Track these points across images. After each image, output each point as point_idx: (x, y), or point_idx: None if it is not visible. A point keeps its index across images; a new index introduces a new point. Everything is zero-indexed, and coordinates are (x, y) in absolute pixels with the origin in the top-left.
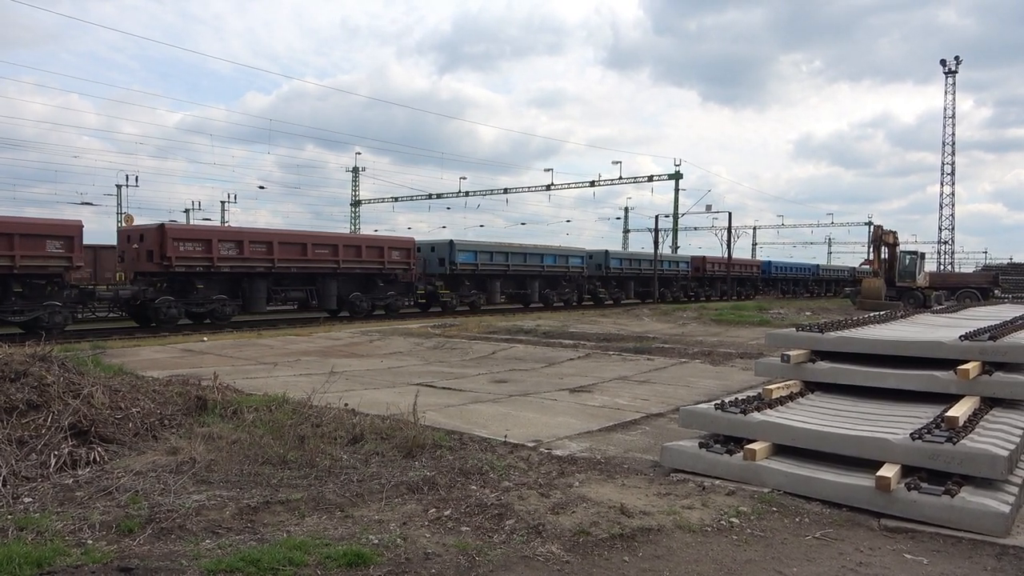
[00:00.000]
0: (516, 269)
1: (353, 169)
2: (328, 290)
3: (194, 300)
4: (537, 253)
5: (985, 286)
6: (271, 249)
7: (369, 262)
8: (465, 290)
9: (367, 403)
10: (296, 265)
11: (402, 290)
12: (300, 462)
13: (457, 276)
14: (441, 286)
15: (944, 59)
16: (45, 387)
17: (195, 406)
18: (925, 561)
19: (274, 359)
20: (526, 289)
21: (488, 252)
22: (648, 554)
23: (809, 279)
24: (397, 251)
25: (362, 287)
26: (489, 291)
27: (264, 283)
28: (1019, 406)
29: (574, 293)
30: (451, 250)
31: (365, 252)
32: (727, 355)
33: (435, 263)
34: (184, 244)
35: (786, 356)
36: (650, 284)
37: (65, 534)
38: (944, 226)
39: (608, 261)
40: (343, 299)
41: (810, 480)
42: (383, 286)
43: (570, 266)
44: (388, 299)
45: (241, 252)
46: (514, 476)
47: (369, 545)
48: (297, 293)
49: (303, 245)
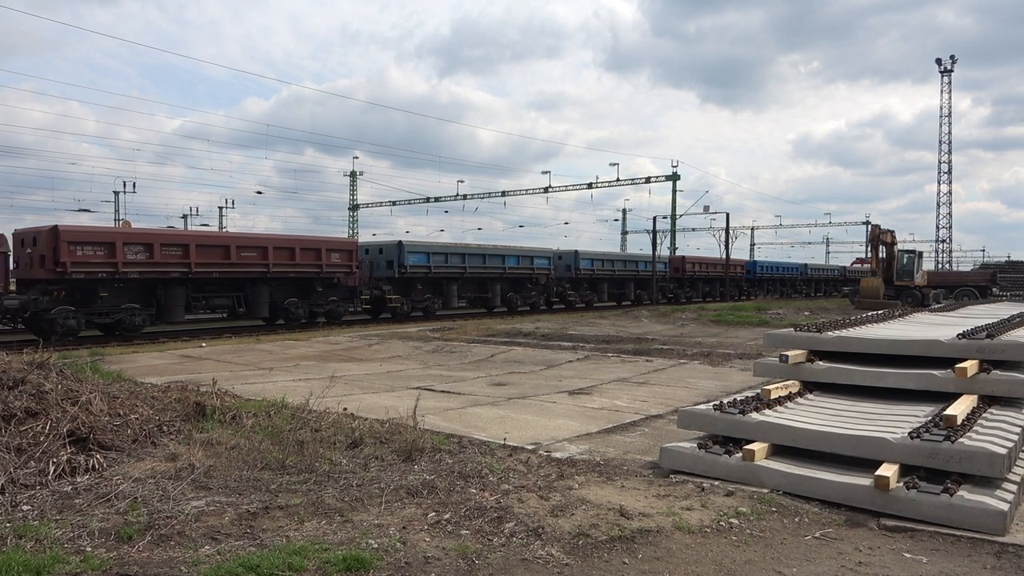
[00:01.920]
0: (475, 271)
1: (351, 173)
2: (259, 296)
3: (98, 310)
4: (498, 254)
5: (983, 284)
6: (187, 252)
7: (305, 265)
8: (418, 294)
9: (366, 407)
10: (218, 270)
11: (345, 295)
12: (299, 467)
13: (408, 279)
14: (389, 291)
15: (939, 58)
16: (43, 394)
17: (194, 412)
18: (924, 560)
19: (272, 364)
20: (487, 292)
21: (442, 253)
22: (648, 556)
23: (797, 279)
24: (337, 253)
25: (299, 292)
26: (445, 295)
27: (182, 290)
28: (1017, 404)
29: (541, 296)
30: (400, 252)
31: (300, 255)
32: (726, 356)
33: (383, 266)
34: (82, 248)
35: (784, 356)
36: (625, 286)
37: (64, 541)
38: (942, 224)
39: (578, 262)
40: (277, 306)
41: (809, 480)
42: (322, 291)
43: (535, 267)
44: (329, 305)
45: (152, 256)
46: (513, 479)
47: (368, 549)
48: (222, 300)
49: (225, 248)
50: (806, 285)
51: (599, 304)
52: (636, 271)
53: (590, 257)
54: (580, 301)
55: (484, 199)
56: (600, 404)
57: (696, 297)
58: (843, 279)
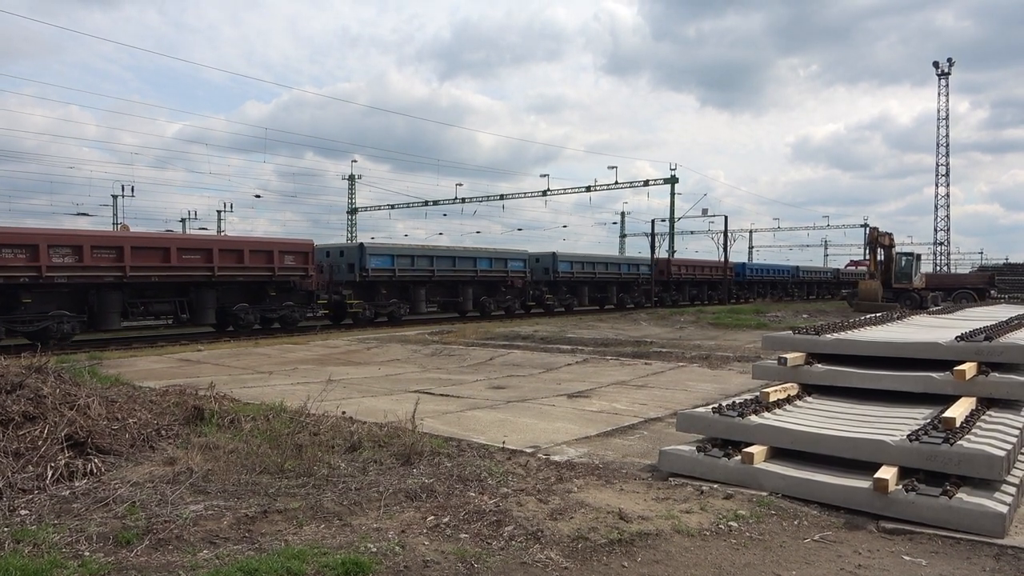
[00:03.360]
0: (444, 275)
1: (349, 177)
2: (204, 302)
3: (21, 317)
4: (469, 256)
5: (981, 287)
6: (122, 255)
7: (254, 268)
8: (382, 299)
9: (365, 411)
10: (157, 274)
11: (302, 300)
12: (298, 471)
13: (371, 283)
14: (350, 295)
15: (937, 61)
16: (41, 399)
17: (192, 416)
18: (924, 563)
19: (271, 368)
20: (458, 296)
21: (408, 256)
22: (647, 559)
23: (788, 281)
24: (291, 255)
25: (250, 297)
26: (413, 300)
27: (117, 295)
28: (1015, 406)
29: (516, 300)
30: (361, 254)
31: (248, 257)
32: (725, 359)
33: (344, 269)
34: (0, 250)
35: (783, 359)
36: (607, 289)
37: (62, 546)
38: (940, 227)
39: (556, 264)
40: (226, 312)
41: (808, 483)
42: (276, 296)
43: (510, 270)
44: (284, 311)
45: (81, 259)
46: (512, 482)
47: (367, 553)
48: (163, 306)
49: (165, 250)
50: (798, 288)
51: (580, 308)
52: (619, 274)
53: (569, 259)
54: (559, 305)
55: (483, 202)
56: (599, 407)
57: (683, 300)
58: (836, 282)
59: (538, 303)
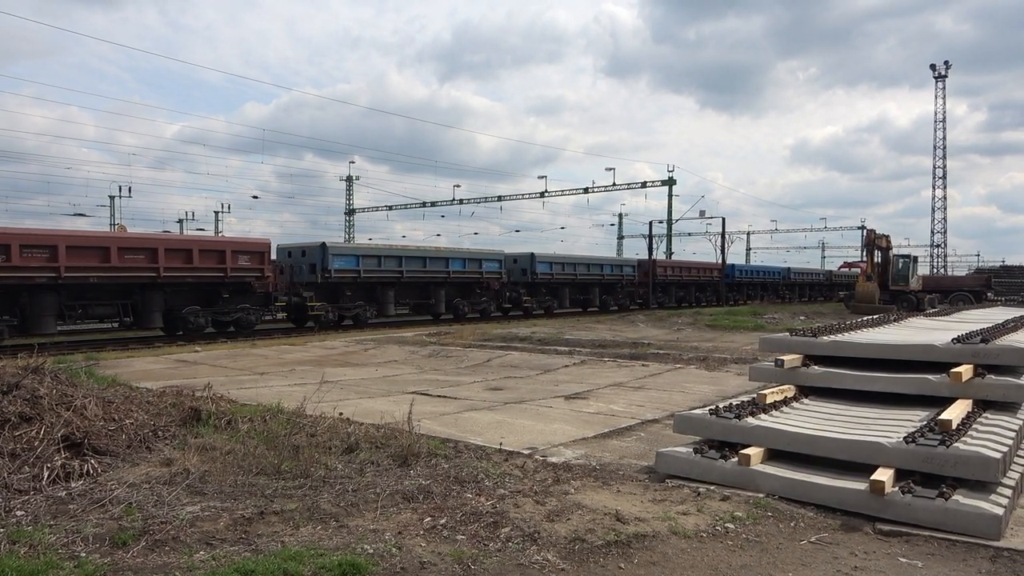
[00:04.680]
0: (414, 276)
1: (347, 178)
2: (150, 304)
3: None
4: (441, 257)
5: (978, 289)
6: (55, 255)
7: (204, 269)
8: (347, 301)
9: (362, 412)
10: (96, 275)
11: (259, 302)
12: (295, 472)
13: (335, 285)
14: (312, 297)
15: (934, 64)
16: (38, 399)
17: (189, 417)
18: (920, 565)
19: (268, 369)
20: (430, 298)
21: (375, 256)
22: (643, 560)
23: (779, 283)
24: (245, 255)
25: (201, 299)
26: (380, 302)
27: (52, 298)
28: (1011, 408)
29: (492, 302)
30: (323, 254)
31: (198, 257)
32: (722, 360)
33: (305, 270)
34: None
35: (780, 361)
36: (589, 291)
37: (58, 547)
38: (937, 229)
39: (535, 265)
40: (175, 315)
41: (805, 485)
42: (229, 298)
43: (484, 271)
44: (238, 313)
45: (9, 259)
46: (509, 484)
47: (364, 555)
48: (104, 309)
49: (104, 249)
50: (789, 290)
51: (560, 311)
52: (601, 275)
53: (548, 260)
54: (538, 307)
55: (480, 204)
56: (596, 408)
57: (670, 303)
58: (829, 283)
59: (515, 305)
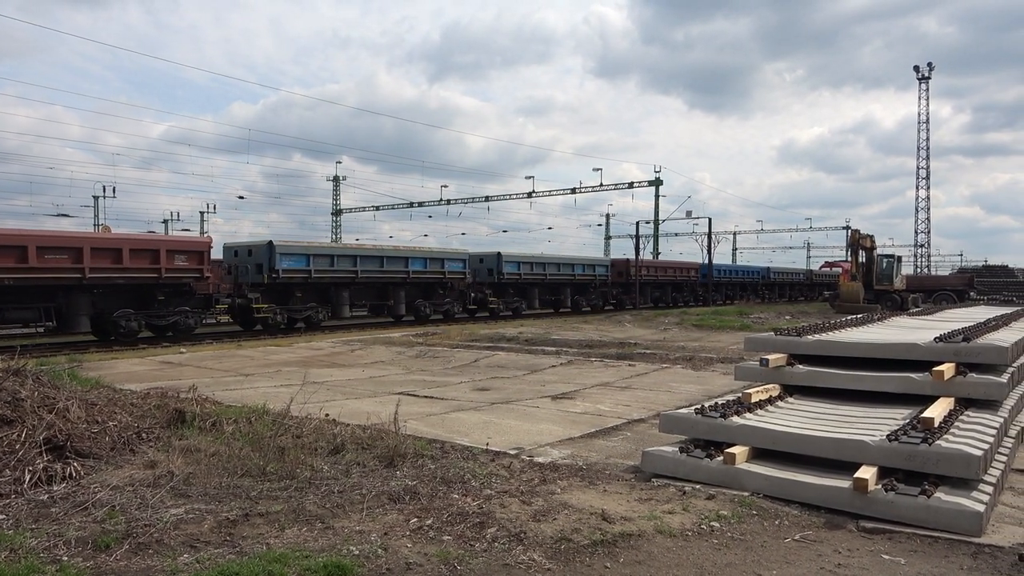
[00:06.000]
0: (370, 276)
1: (334, 178)
2: (76, 308)
3: None
4: (400, 257)
5: (961, 288)
6: None
7: (137, 270)
8: (296, 302)
9: (348, 413)
10: (12, 276)
11: (199, 304)
12: (280, 474)
13: (283, 286)
14: (258, 299)
15: (917, 65)
16: (19, 401)
17: (174, 419)
18: (902, 561)
19: (254, 370)
20: (388, 300)
21: (327, 256)
22: (629, 560)
23: (758, 283)
24: (182, 255)
25: (134, 302)
26: (334, 303)
27: None
28: (993, 406)
29: (456, 303)
30: (270, 253)
31: (129, 257)
32: (708, 360)
33: (251, 270)
34: None
35: (765, 360)
36: (560, 291)
37: (40, 551)
38: (920, 229)
39: (501, 265)
40: (104, 318)
41: (789, 483)
42: (165, 300)
43: (447, 271)
44: (175, 316)
45: None
46: (496, 484)
47: (350, 556)
48: (22, 313)
49: (21, 249)
50: (768, 290)
51: (529, 312)
52: (572, 275)
53: (516, 260)
54: (506, 309)
55: (468, 204)
56: (583, 408)
57: (645, 303)
58: (809, 283)
59: (481, 306)
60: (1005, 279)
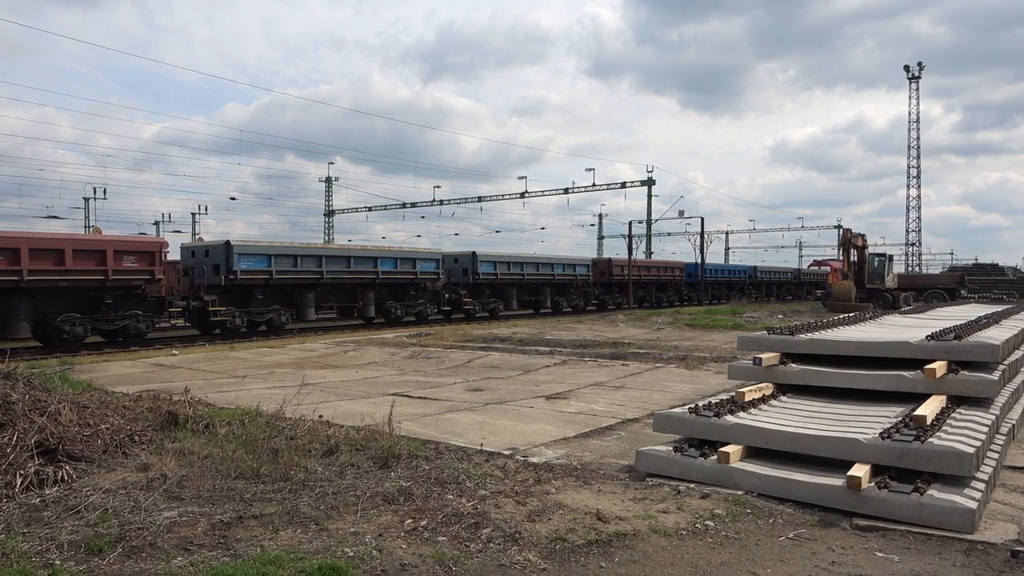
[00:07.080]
0: (337, 277)
1: (327, 179)
2: (13, 312)
3: None
4: (368, 257)
5: (952, 287)
6: None
7: (81, 272)
8: (257, 304)
9: (342, 414)
10: None
11: (151, 308)
12: (274, 476)
13: (242, 287)
14: (215, 301)
15: (907, 65)
16: (10, 405)
17: (166, 421)
18: (896, 559)
19: (247, 372)
20: (357, 301)
21: (290, 256)
22: (624, 559)
23: (745, 282)
24: (131, 256)
25: (80, 306)
26: (298, 305)
27: None
28: (984, 403)
29: (429, 305)
30: (228, 254)
31: (72, 258)
32: (701, 359)
33: (208, 271)
34: None
35: (758, 359)
36: (540, 292)
37: (32, 555)
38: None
39: (477, 265)
40: (47, 323)
41: (783, 482)
42: (113, 303)
43: (419, 271)
44: (125, 320)
45: None
46: (490, 484)
47: (344, 558)
48: None
49: None
50: (755, 289)
51: (507, 313)
52: (552, 275)
53: (492, 260)
54: (482, 310)
55: (461, 204)
56: (577, 408)
57: (627, 304)
58: (797, 282)
59: (456, 308)
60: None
